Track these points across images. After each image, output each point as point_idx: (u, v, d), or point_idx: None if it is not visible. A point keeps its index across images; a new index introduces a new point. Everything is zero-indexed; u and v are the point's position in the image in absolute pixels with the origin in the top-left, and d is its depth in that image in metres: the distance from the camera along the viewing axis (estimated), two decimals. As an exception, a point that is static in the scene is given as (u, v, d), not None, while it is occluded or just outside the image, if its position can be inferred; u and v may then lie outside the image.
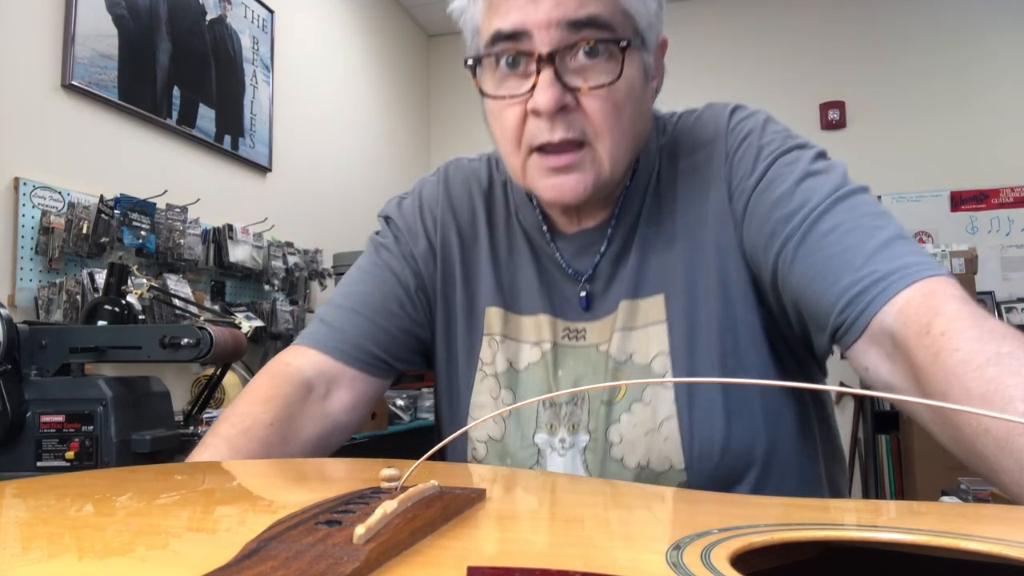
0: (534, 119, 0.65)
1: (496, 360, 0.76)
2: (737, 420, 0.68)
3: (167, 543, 0.33)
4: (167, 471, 0.56)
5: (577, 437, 0.71)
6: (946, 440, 0.54)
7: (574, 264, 0.76)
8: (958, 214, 3.91)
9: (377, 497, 0.38)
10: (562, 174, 0.66)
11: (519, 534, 0.36)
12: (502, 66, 0.66)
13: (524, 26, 0.63)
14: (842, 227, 0.63)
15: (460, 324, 0.80)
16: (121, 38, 2.25)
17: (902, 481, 3.45)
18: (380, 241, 0.84)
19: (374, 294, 0.80)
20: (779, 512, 0.41)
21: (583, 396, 0.72)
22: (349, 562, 0.27)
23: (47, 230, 1.96)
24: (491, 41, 0.65)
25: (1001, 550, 0.31)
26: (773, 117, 0.75)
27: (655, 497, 0.46)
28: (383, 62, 4.08)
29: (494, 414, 0.74)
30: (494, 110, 0.68)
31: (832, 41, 4.10)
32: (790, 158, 0.69)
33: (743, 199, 0.70)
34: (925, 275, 0.58)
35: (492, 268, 0.79)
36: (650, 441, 0.68)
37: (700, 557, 0.30)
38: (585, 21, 0.62)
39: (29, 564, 0.30)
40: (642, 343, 0.71)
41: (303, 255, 3.07)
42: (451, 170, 0.86)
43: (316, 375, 0.77)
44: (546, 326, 0.75)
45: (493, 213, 0.82)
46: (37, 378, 1.05)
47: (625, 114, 0.66)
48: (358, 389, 0.79)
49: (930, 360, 0.52)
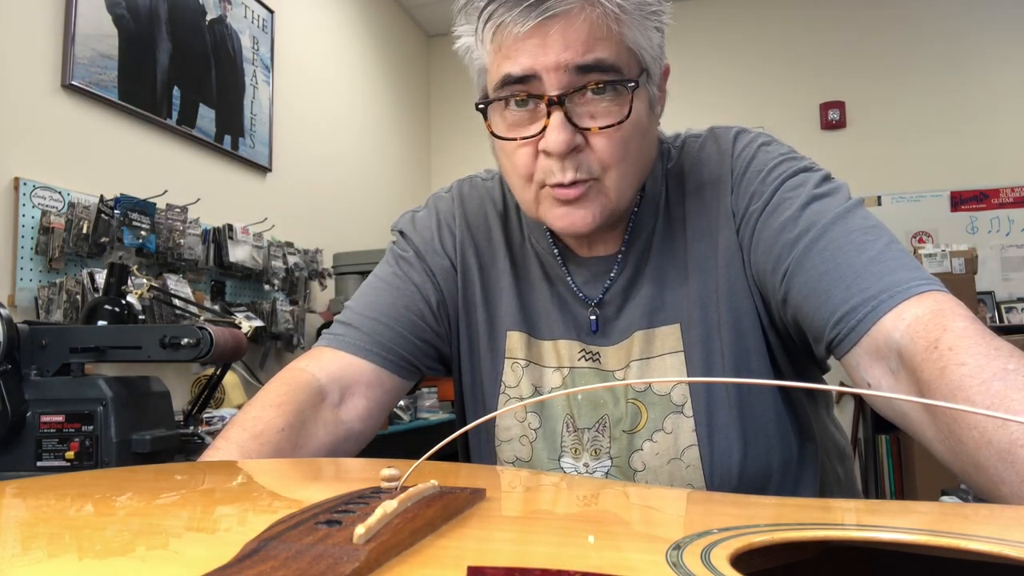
0: (545, 158, 0.67)
1: (521, 384, 0.78)
2: (752, 442, 0.70)
3: (167, 543, 0.33)
4: (167, 471, 0.56)
5: (600, 463, 0.74)
6: (945, 453, 0.54)
7: (585, 289, 0.78)
8: (958, 214, 3.91)
9: (377, 497, 0.38)
10: (571, 205, 0.68)
11: (519, 534, 0.36)
12: (512, 106, 0.67)
13: (534, 70, 0.64)
14: (836, 244, 0.65)
15: (483, 346, 0.81)
16: (121, 38, 2.25)
17: (902, 481, 3.45)
18: (400, 254, 0.85)
19: (395, 305, 0.81)
20: (779, 512, 0.41)
21: (605, 423, 0.74)
22: (349, 562, 0.27)
23: (47, 230, 1.96)
24: (501, 84, 0.66)
25: (1001, 550, 0.31)
26: (776, 139, 0.76)
27: (655, 497, 0.46)
28: (383, 62, 4.08)
29: (494, 414, 0.75)
30: (506, 149, 0.70)
31: (832, 41, 4.10)
32: (796, 181, 0.70)
33: (750, 224, 0.71)
34: (915, 292, 0.59)
35: (512, 292, 0.81)
36: (673, 469, 0.71)
37: (700, 557, 0.30)
38: (592, 65, 0.63)
39: (29, 564, 0.30)
40: (660, 373, 0.72)
41: (303, 255, 3.07)
42: (465, 189, 0.87)
43: (331, 381, 0.77)
44: (564, 350, 0.77)
45: (510, 236, 0.83)
46: (37, 378, 1.05)
47: (632, 148, 0.68)
48: (375, 394, 0.79)
49: (936, 374, 0.53)
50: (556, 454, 0.75)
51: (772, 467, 0.71)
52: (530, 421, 0.77)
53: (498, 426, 0.78)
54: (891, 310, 0.59)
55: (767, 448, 0.71)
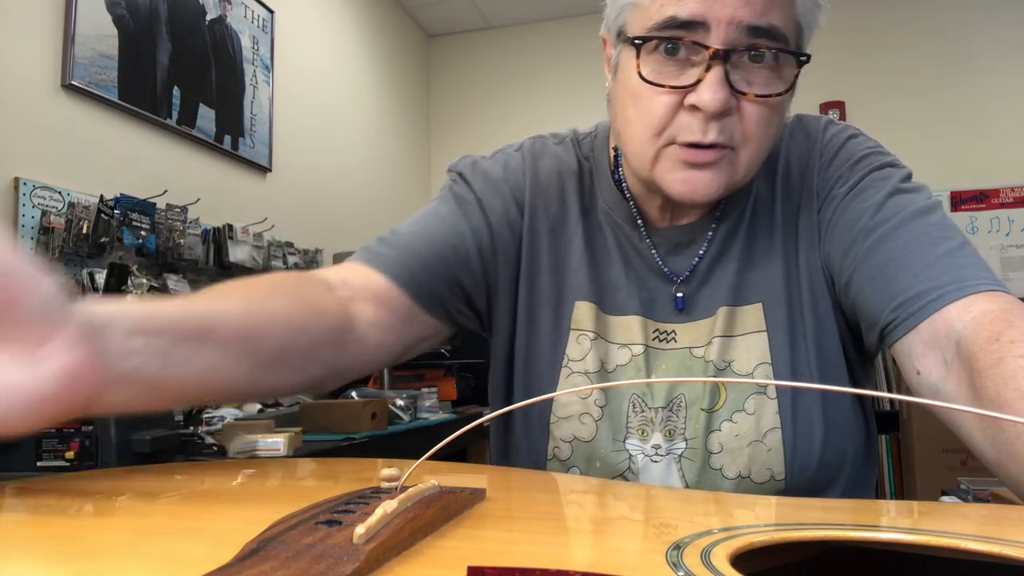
0: (687, 113, 0.63)
1: (587, 359, 0.73)
2: (832, 428, 0.68)
3: (167, 543, 0.33)
4: (167, 471, 0.56)
5: (673, 444, 0.70)
6: (983, 442, 0.54)
7: (669, 262, 0.74)
8: (958, 214, 3.91)
9: (377, 497, 0.38)
10: (698, 170, 0.64)
11: (519, 534, 0.36)
12: (660, 50, 0.63)
13: (704, 17, 0.60)
14: (911, 236, 0.64)
15: (545, 316, 0.76)
16: (121, 38, 2.25)
17: (902, 481, 3.45)
18: (461, 194, 0.78)
19: (444, 238, 0.74)
20: (779, 512, 0.41)
21: (681, 402, 0.70)
22: (349, 562, 0.27)
23: (47, 230, 1.96)
24: (662, 25, 0.62)
25: (1001, 550, 0.31)
26: (864, 132, 0.75)
27: (655, 497, 0.46)
28: (383, 62, 4.08)
29: (504, 410, 0.74)
30: (639, 93, 0.65)
31: (832, 41, 4.09)
32: (883, 174, 0.70)
33: (832, 205, 0.71)
34: (985, 288, 0.59)
35: (584, 260, 0.76)
36: (753, 452, 0.68)
37: (700, 557, 0.30)
38: (766, 28, 0.61)
39: (29, 564, 0.30)
40: (742, 351, 0.70)
41: (303, 255, 3.07)
42: (538, 147, 0.81)
43: (342, 285, 0.69)
44: (637, 328, 0.73)
45: (584, 202, 0.78)
46: (37, 378, 1.04)
47: (774, 125, 0.66)
48: (384, 313, 0.70)
49: (991, 364, 0.52)
50: (622, 435, 0.70)
51: (847, 454, 0.69)
52: (596, 398, 0.72)
53: (556, 401, 0.73)
54: (959, 300, 0.59)
55: (844, 435, 0.69)
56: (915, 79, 3.98)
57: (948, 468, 2.93)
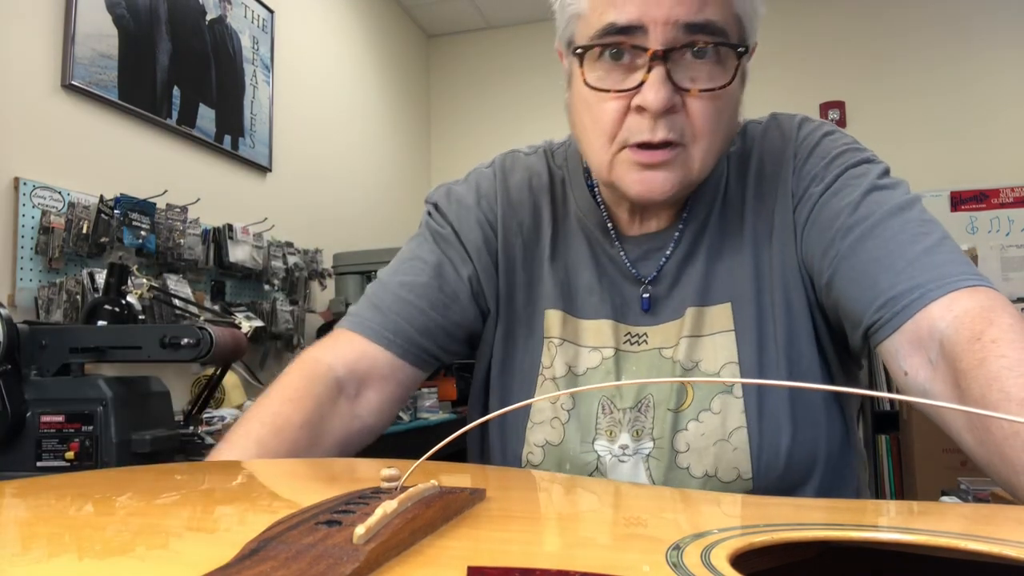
0: (636, 116, 0.64)
1: (555, 364, 0.75)
2: (802, 427, 0.68)
3: (167, 543, 0.33)
4: (167, 471, 0.56)
5: (641, 444, 0.70)
6: (973, 442, 0.54)
7: (639, 266, 0.75)
8: (958, 214, 3.91)
9: (377, 497, 0.37)
10: (651, 170, 0.66)
11: (519, 534, 0.36)
12: (605, 57, 0.64)
13: (641, 21, 0.62)
14: (891, 234, 0.64)
15: (521, 329, 0.78)
16: (121, 38, 2.25)
17: (902, 481, 3.44)
18: (437, 229, 0.81)
19: (431, 286, 0.78)
20: (779, 512, 0.41)
21: (649, 402, 0.71)
22: (349, 562, 0.27)
23: (47, 230, 1.96)
24: (602, 32, 0.63)
25: (1001, 550, 0.31)
26: (840, 129, 0.75)
27: (655, 497, 0.46)
28: (383, 62, 4.08)
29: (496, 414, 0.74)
30: (589, 101, 0.67)
31: (832, 41, 4.10)
32: (859, 171, 0.70)
33: (808, 204, 0.70)
34: (965, 284, 0.59)
35: (551, 269, 0.77)
36: (719, 451, 0.68)
37: (700, 557, 0.30)
38: (703, 24, 0.62)
39: (29, 564, 0.30)
40: (709, 351, 0.71)
41: (303, 255, 3.07)
42: (508, 163, 0.83)
43: (347, 373, 0.74)
44: (608, 331, 0.74)
45: (555, 212, 0.80)
46: (37, 378, 1.05)
47: (724, 119, 0.66)
48: (389, 388, 0.77)
49: (975, 364, 0.53)
50: (590, 436, 0.71)
51: (819, 453, 0.69)
52: (563, 402, 0.73)
53: (534, 408, 0.75)
54: (940, 298, 0.59)
55: (815, 435, 0.69)
56: (915, 79, 3.98)
57: (948, 468, 2.93)
